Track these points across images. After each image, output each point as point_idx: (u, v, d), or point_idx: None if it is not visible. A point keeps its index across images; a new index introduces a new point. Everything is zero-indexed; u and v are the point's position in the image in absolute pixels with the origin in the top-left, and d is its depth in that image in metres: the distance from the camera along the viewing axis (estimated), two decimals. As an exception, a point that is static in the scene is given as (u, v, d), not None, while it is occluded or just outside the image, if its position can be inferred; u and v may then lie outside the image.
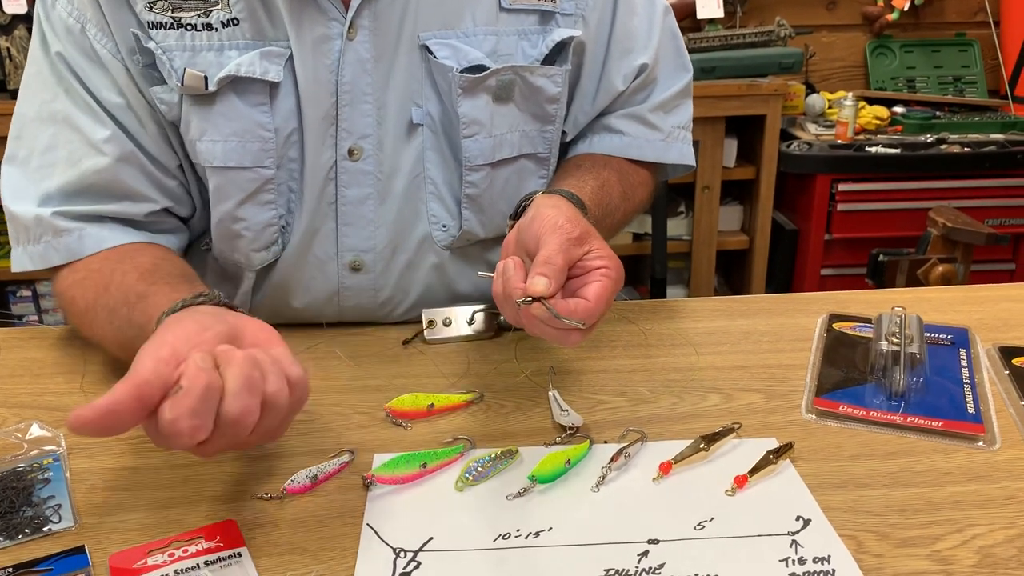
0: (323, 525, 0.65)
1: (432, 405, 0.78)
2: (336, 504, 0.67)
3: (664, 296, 2.62)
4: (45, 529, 0.64)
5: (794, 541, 0.62)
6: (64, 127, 0.85)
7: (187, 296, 0.70)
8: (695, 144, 1.05)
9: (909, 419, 0.77)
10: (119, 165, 0.86)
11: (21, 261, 0.88)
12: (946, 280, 2.21)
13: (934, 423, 0.76)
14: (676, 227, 2.68)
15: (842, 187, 2.54)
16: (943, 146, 2.54)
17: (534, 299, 0.67)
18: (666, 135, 1.02)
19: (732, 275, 2.91)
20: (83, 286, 0.84)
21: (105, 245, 0.86)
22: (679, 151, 1.04)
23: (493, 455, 0.71)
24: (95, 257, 0.85)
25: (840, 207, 2.56)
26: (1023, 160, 2.53)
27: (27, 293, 2.66)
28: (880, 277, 2.26)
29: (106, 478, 0.71)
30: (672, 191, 2.65)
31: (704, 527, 0.64)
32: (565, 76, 0.94)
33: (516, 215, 0.83)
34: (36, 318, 2.70)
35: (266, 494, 0.67)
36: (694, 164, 1.05)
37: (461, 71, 0.88)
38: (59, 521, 0.65)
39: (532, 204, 0.78)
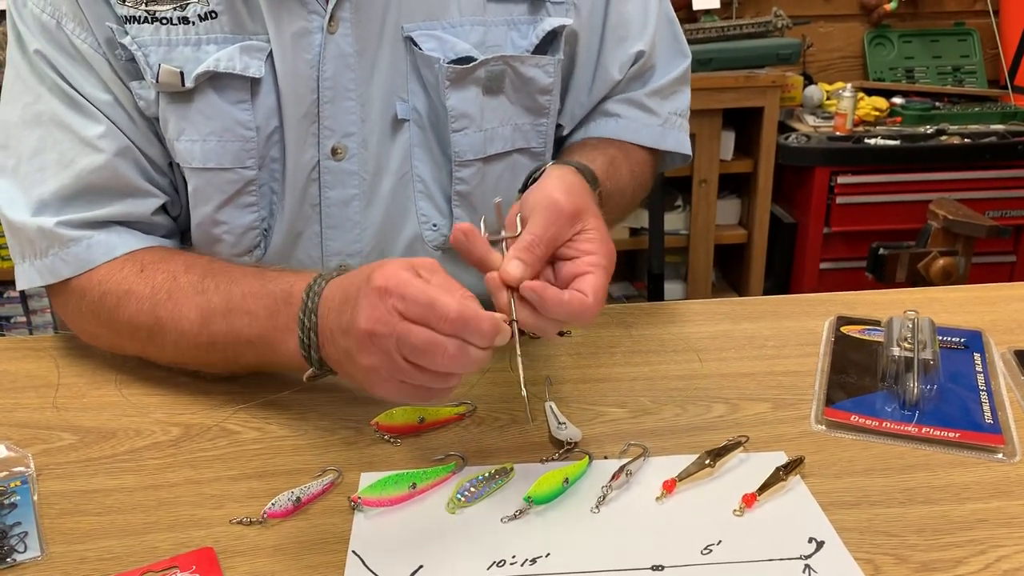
0: (306, 552, 0.61)
1: (423, 419, 0.74)
2: (320, 529, 0.63)
3: (662, 291, 2.58)
4: (9, 560, 0.60)
5: (807, 566, 0.58)
6: (51, 128, 0.81)
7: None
8: (692, 137, 1.01)
9: (924, 430, 0.73)
10: (117, 160, 0.81)
11: (29, 277, 0.83)
12: (947, 274, 2.18)
13: (950, 434, 0.72)
14: (673, 221, 2.64)
15: (841, 180, 2.50)
16: (943, 137, 2.50)
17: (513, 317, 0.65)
18: (663, 120, 0.98)
19: (730, 269, 2.87)
20: (151, 271, 0.80)
21: (115, 253, 0.81)
22: (675, 138, 1.00)
23: (487, 474, 0.67)
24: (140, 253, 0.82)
25: (839, 200, 2.52)
26: (1023, 151, 2.49)
27: (14, 294, 2.60)
28: (880, 271, 2.23)
29: (76, 502, 0.66)
30: (669, 185, 2.61)
31: (711, 551, 0.60)
32: (557, 66, 0.90)
33: (525, 187, 0.79)
34: (24, 319, 2.64)
35: (246, 518, 0.63)
36: (690, 153, 1.01)
37: (448, 63, 0.84)
38: (25, 551, 0.61)
39: (542, 174, 0.74)
